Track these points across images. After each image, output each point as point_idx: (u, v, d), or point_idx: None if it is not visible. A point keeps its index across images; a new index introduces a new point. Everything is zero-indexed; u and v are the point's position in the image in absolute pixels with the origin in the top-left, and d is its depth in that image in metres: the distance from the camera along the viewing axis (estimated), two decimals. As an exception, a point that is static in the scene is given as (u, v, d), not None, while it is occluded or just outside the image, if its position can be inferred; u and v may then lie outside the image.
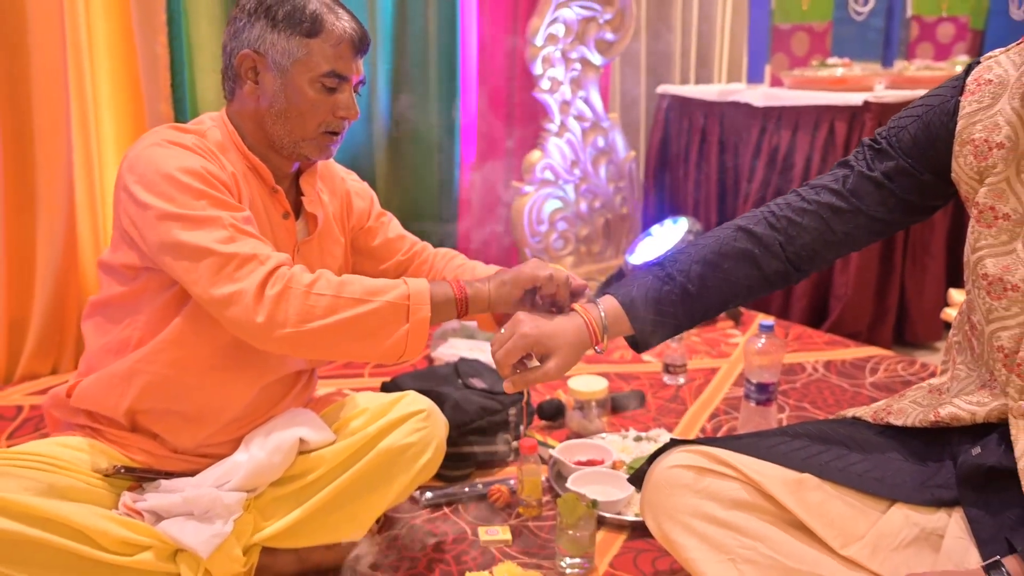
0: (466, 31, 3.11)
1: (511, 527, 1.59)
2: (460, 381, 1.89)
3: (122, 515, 1.19)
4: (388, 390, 1.81)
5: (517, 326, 1.10)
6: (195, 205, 1.12)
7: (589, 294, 1.22)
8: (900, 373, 2.47)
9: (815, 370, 2.48)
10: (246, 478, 1.26)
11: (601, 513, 1.56)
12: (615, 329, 1.13)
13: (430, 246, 1.52)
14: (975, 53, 3.67)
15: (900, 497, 1.07)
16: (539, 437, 1.92)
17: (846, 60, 3.29)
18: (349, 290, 1.12)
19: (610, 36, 3.32)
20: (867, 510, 1.06)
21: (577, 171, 3.35)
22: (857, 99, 2.84)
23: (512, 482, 1.72)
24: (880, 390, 2.33)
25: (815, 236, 1.14)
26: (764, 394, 1.90)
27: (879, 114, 2.79)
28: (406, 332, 1.12)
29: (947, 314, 2.42)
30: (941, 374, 1.22)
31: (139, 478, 1.27)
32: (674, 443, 1.16)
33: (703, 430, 2.06)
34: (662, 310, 1.13)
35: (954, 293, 2.50)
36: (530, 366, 1.11)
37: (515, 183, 3.25)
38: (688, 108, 3.58)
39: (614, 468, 1.75)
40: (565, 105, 3.26)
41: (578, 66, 3.26)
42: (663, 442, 1.31)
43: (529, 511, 1.64)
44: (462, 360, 2.02)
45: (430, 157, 3.10)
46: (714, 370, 2.47)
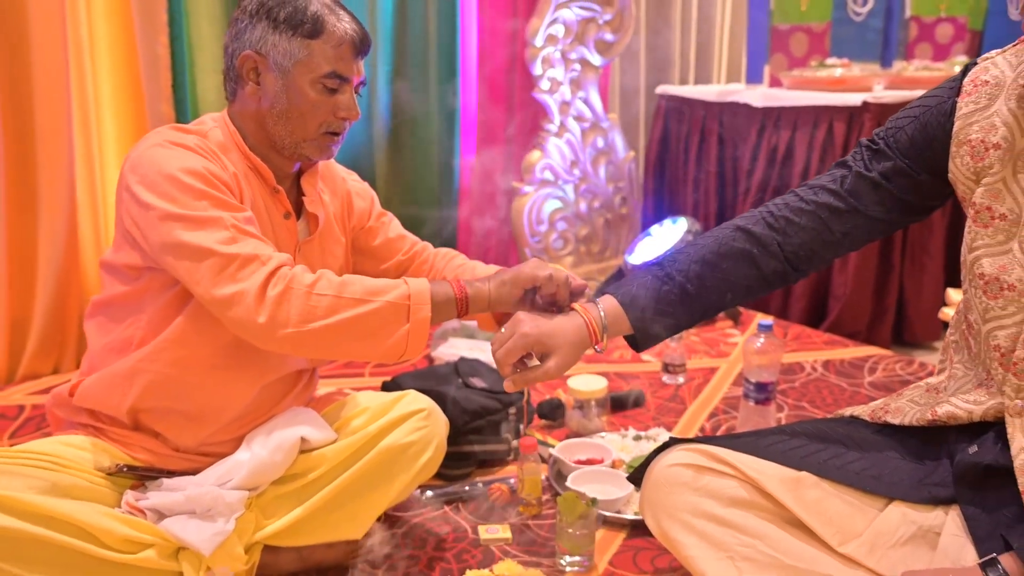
0: (466, 32, 3.11)
1: (511, 525, 1.60)
2: (460, 380, 1.90)
3: (125, 513, 1.20)
4: (389, 389, 1.81)
5: (517, 325, 1.10)
6: (197, 206, 1.13)
7: (589, 294, 1.22)
8: (899, 373, 2.47)
9: (814, 369, 2.49)
10: (248, 476, 1.27)
11: (601, 511, 1.57)
12: (615, 328, 1.13)
13: (430, 246, 1.53)
14: (974, 53, 3.68)
15: (897, 495, 1.07)
16: (539, 436, 1.92)
17: (845, 60, 3.29)
18: (350, 290, 1.12)
19: (609, 37, 3.32)
20: (865, 508, 1.07)
21: (577, 171, 3.36)
22: (856, 99, 2.84)
23: (512, 481, 1.72)
24: (879, 389, 2.33)
25: (813, 236, 1.15)
26: (763, 393, 1.91)
27: (878, 114, 2.79)
28: (407, 332, 1.13)
29: (945, 314, 2.42)
30: (938, 373, 1.23)
31: (141, 476, 1.28)
32: (673, 442, 1.17)
33: (702, 429, 2.06)
34: (661, 310, 1.14)
35: (952, 293, 2.51)
36: (530, 365, 1.11)
37: (515, 183, 3.25)
38: (687, 108, 3.58)
39: (613, 467, 1.76)
40: (565, 105, 3.27)
41: (578, 67, 3.27)
42: (662, 441, 1.32)
43: (529, 510, 1.65)
44: (462, 359, 2.03)
45: (430, 157, 3.10)
46: (713, 369, 2.48)
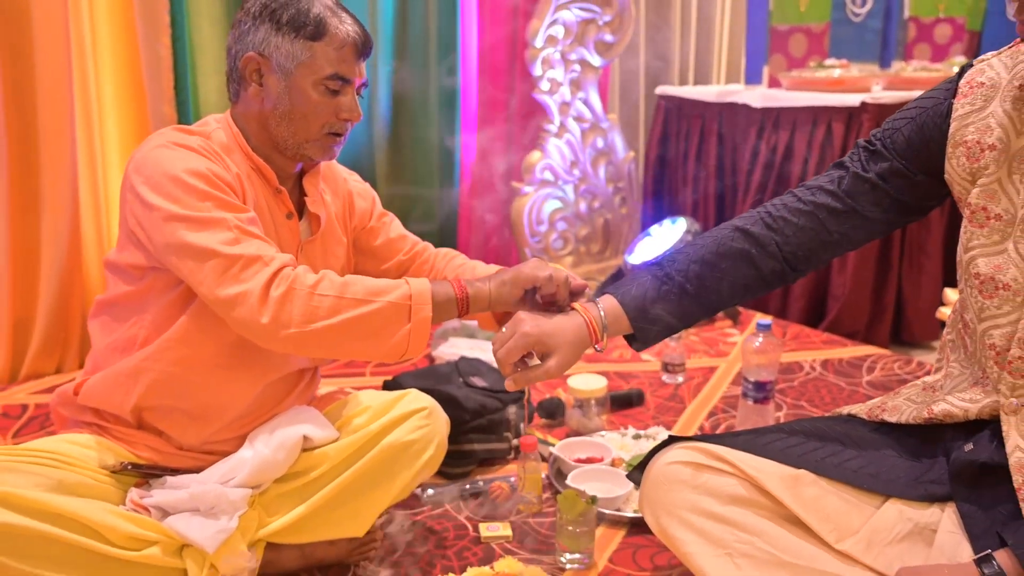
0: (466, 32, 3.12)
1: (512, 523, 1.61)
2: (461, 379, 1.91)
3: (129, 511, 1.21)
4: (390, 388, 1.82)
5: (518, 325, 1.11)
6: (200, 206, 1.14)
7: (589, 294, 1.23)
8: (897, 372, 2.48)
9: (812, 369, 2.50)
10: (251, 474, 1.27)
11: (600, 509, 1.58)
12: (614, 328, 1.14)
13: (431, 246, 1.54)
14: (972, 54, 3.68)
15: (894, 493, 1.08)
16: (539, 435, 1.93)
17: (843, 61, 3.29)
18: (352, 290, 1.13)
19: (609, 37, 3.33)
20: (862, 505, 1.08)
21: (576, 172, 3.37)
22: (854, 100, 2.85)
23: (513, 479, 1.73)
24: (877, 388, 2.34)
25: (811, 236, 1.15)
26: (762, 392, 1.92)
27: (876, 115, 2.79)
28: (408, 331, 1.14)
29: (943, 313, 2.43)
30: (935, 372, 1.23)
31: (145, 474, 1.28)
32: (672, 440, 1.18)
33: (701, 428, 2.07)
34: (661, 309, 1.15)
35: (950, 292, 2.51)
36: (531, 364, 1.12)
37: (515, 183, 3.26)
38: (687, 109, 3.59)
39: (613, 465, 1.77)
40: (564, 106, 3.28)
41: (577, 67, 3.28)
42: (662, 440, 1.33)
43: (529, 508, 1.66)
44: (463, 359, 2.04)
45: (430, 157, 3.11)
46: (712, 369, 2.49)
